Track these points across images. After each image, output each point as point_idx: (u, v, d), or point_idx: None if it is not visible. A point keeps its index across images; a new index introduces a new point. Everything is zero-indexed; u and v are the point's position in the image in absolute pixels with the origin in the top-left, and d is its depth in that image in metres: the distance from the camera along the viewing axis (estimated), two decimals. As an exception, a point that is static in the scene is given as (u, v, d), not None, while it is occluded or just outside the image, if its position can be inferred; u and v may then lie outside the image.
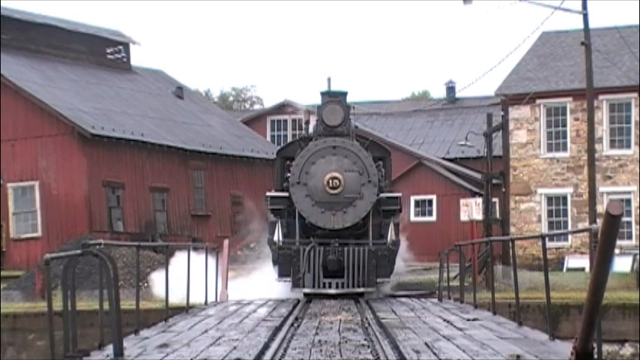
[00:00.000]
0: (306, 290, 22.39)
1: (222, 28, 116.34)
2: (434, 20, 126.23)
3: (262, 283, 24.60)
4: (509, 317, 17.39)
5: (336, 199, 23.01)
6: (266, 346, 12.34)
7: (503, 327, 14.82)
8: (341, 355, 11.38)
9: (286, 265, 22.88)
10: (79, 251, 11.60)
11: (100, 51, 46.19)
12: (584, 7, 31.98)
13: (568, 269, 38.45)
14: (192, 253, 18.24)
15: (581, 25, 32.42)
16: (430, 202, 49.27)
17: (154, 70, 50.74)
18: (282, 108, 55.72)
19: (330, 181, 22.99)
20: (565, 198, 42.29)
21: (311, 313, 17.55)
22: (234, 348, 12.25)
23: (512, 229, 38.44)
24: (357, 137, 24.30)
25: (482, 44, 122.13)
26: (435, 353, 11.45)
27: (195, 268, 18.35)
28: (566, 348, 11.09)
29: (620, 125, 41.62)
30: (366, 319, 16.13)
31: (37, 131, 37.93)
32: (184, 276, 17.58)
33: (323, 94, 24.32)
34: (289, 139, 44.65)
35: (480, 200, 33.40)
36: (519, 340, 12.96)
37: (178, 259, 18.41)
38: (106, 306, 11.81)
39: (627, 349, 23.01)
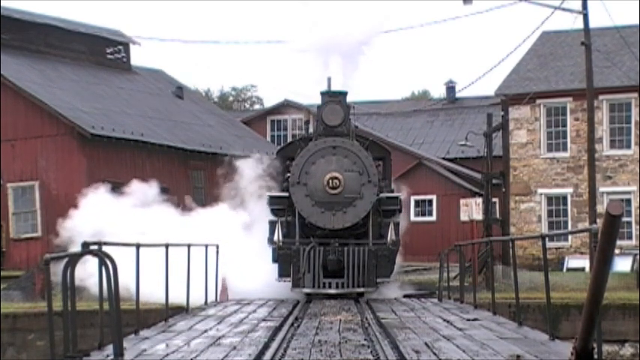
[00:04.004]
0: (306, 290, 22.40)
1: (222, 29, 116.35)
2: (434, 20, 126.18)
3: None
4: (509, 317, 17.39)
5: (336, 199, 23.02)
6: (266, 346, 12.34)
7: (503, 327, 14.82)
8: (341, 355, 11.38)
9: (286, 265, 22.89)
10: (79, 251, 11.60)
11: (100, 51, 46.14)
12: (584, 7, 31.98)
13: (568, 269, 38.45)
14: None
15: (581, 25, 32.43)
16: (430, 202, 49.27)
17: (154, 70, 50.70)
18: (282, 108, 55.70)
19: (330, 181, 22.99)
20: (565, 198, 42.29)
21: (311, 313, 17.56)
22: (234, 348, 12.26)
23: (512, 229, 38.43)
24: (357, 137, 24.31)
25: (483, 44, 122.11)
26: (435, 353, 11.45)
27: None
28: (566, 348, 11.10)
29: (620, 125, 41.61)
30: (366, 319, 16.13)
31: (37, 131, 37.89)
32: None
33: (323, 94, 24.32)
34: (289, 139, 44.64)
35: (480, 200, 33.41)
36: (519, 340, 12.97)
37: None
38: (106, 306, 11.81)
39: (627, 349, 23.01)
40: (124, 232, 21.35)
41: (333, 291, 22.41)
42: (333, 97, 24.12)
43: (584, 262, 36.94)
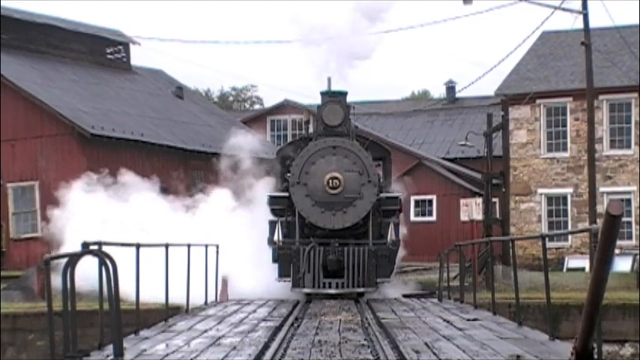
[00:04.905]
0: (306, 290, 22.39)
1: (222, 29, 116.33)
2: (434, 20, 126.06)
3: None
4: (509, 317, 17.39)
5: (336, 199, 23.02)
6: (266, 346, 12.34)
7: (503, 327, 14.82)
8: (341, 355, 11.38)
9: (286, 265, 22.89)
10: (79, 251, 11.59)
11: (100, 51, 46.15)
12: (584, 7, 31.96)
13: (568, 269, 38.44)
14: None
15: (581, 25, 32.41)
16: (430, 202, 49.25)
17: (154, 70, 50.70)
18: (282, 108, 55.70)
19: (330, 181, 22.99)
20: (565, 198, 42.27)
21: (311, 313, 17.56)
22: (234, 348, 12.26)
23: (512, 229, 38.41)
24: (357, 137, 24.31)
25: (483, 44, 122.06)
26: (435, 353, 11.45)
27: None
28: (566, 348, 11.09)
29: (620, 125, 41.60)
30: (366, 319, 16.13)
31: (37, 131, 37.88)
32: None
33: (323, 94, 24.32)
34: (289, 139, 44.63)
35: (479, 200, 33.43)
36: (519, 340, 12.96)
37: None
38: (106, 306, 11.80)
39: (627, 349, 23.01)
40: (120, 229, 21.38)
41: (333, 291, 22.40)
42: (333, 97, 24.12)
43: (584, 262, 36.93)
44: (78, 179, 29.41)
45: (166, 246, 16.46)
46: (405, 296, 24.54)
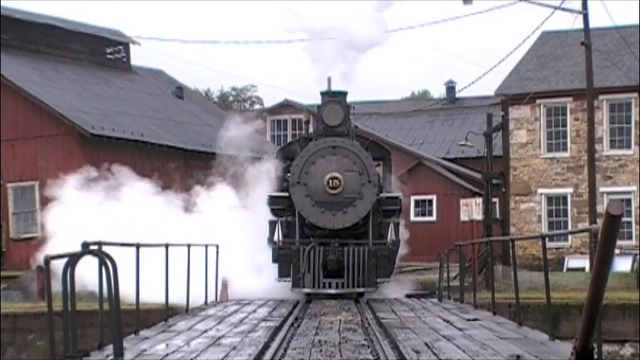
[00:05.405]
0: (306, 290, 22.39)
1: (222, 29, 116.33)
2: (434, 20, 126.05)
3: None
4: (509, 317, 17.39)
5: (336, 199, 23.02)
6: (266, 346, 12.34)
7: (503, 327, 14.82)
8: (341, 355, 11.38)
9: (286, 265, 22.89)
10: (79, 251, 11.58)
11: (100, 51, 46.15)
12: (584, 7, 31.97)
13: (568, 269, 38.44)
14: None
15: (581, 25, 32.42)
16: (430, 202, 49.25)
17: (154, 70, 50.70)
18: (282, 108, 55.69)
19: (330, 181, 22.99)
20: (565, 198, 42.28)
21: (311, 313, 17.56)
22: (234, 348, 12.26)
23: (512, 229, 38.41)
24: (357, 137, 24.31)
25: (483, 44, 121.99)
26: (435, 353, 11.45)
27: None
28: (566, 348, 11.09)
29: (620, 125, 41.61)
30: (366, 319, 16.13)
31: (37, 131, 37.88)
32: None
33: (323, 94, 24.32)
34: (289, 139, 44.63)
35: (479, 200, 33.40)
36: (519, 340, 12.96)
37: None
38: (106, 306, 11.80)
39: (627, 349, 23.02)
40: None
41: (333, 291, 22.41)
42: (333, 97, 24.12)
43: (584, 262, 36.94)
44: (77, 179, 29.40)
45: (166, 246, 16.45)
46: (407, 296, 24.57)
